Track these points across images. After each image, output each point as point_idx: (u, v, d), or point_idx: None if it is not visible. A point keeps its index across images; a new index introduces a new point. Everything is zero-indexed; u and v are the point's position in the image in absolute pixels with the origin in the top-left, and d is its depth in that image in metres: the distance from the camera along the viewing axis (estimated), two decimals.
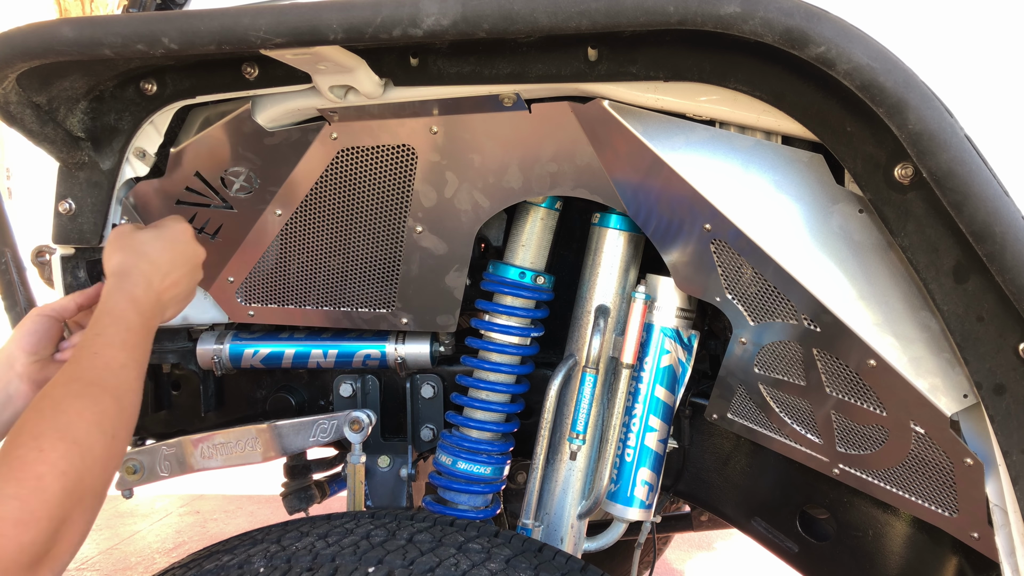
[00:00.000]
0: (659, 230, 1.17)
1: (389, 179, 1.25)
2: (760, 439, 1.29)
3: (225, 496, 4.26)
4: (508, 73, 1.07)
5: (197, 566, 1.08)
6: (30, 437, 0.79)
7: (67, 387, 0.87)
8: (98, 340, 0.94)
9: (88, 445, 0.81)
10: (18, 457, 0.77)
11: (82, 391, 0.87)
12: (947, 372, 1.01)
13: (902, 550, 1.33)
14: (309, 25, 0.93)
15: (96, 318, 0.99)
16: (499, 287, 1.37)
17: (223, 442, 1.43)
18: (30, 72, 1.07)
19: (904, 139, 0.85)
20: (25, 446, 0.78)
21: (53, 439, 0.79)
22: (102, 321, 0.98)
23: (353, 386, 1.49)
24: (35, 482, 0.75)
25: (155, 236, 1.12)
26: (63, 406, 0.83)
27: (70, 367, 0.90)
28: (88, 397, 0.86)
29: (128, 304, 1.01)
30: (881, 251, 1.03)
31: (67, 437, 0.80)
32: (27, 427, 0.80)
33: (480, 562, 1.04)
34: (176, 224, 1.16)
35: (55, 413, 0.82)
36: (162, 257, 1.10)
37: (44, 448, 0.78)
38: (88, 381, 0.88)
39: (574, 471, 1.38)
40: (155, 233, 1.12)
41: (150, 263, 1.08)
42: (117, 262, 1.07)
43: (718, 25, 0.86)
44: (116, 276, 1.05)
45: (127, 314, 0.99)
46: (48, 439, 0.79)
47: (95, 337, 0.95)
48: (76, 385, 0.87)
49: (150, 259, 1.08)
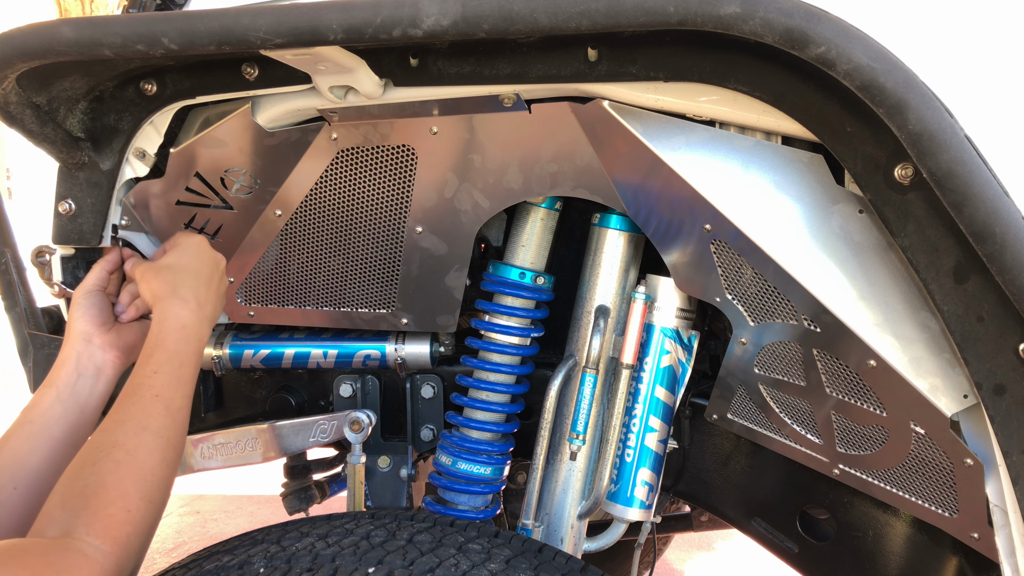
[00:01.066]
0: (659, 230, 1.17)
1: (389, 179, 1.25)
2: (760, 439, 1.29)
3: (225, 496, 4.26)
4: (508, 73, 1.07)
5: (197, 566, 1.08)
6: (119, 495, 0.87)
7: (139, 438, 0.93)
8: (156, 379, 1.00)
9: (159, 501, 0.91)
10: (111, 516, 0.85)
11: (154, 446, 0.94)
12: (947, 372, 1.01)
13: (902, 550, 1.33)
14: (309, 25, 0.93)
15: (151, 351, 1.03)
16: (499, 287, 1.36)
17: (223, 442, 1.43)
18: (30, 72, 1.07)
19: (904, 139, 0.85)
20: (115, 504, 0.86)
21: (138, 499, 0.88)
22: (158, 357, 1.02)
23: (353, 386, 1.49)
24: (125, 540, 0.85)
25: (180, 253, 1.16)
26: (139, 462, 0.91)
27: (135, 408, 0.96)
28: (158, 452, 0.94)
29: (179, 334, 1.06)
30: (881, 251, 1.03)
31: (146, 496, 0.89)
32: (109, 480, 0.88)
33: (480, 562, 1.03)
34: (191, 237, 1.20)
35: (134, 470, 0.90)
36: (198, 267, 1.15)
37: (131, 509, 0.87)
38: (157, 432, 0.95)
39: (574, 471, 1.38)
40: (178, 252, 1.17)
41: (190, 275, 1.13)
42: (157, 287, 1.11)
43: (718, 25, 0.86)
44: (161, 300, 1.09)
45: (180, 347, 1.05)
46: (134, 499, 0.88)
47: (153, 375, 1.00)
48: (148, 436, 0.94)
49: (189, 271, 1.14)
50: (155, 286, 1.12)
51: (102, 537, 0.82)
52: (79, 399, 1.11)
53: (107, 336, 1.16)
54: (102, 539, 0.82)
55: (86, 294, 1.19)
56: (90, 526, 0.83)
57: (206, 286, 1.14)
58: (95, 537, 0.82)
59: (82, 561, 0.80)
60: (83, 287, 1.20)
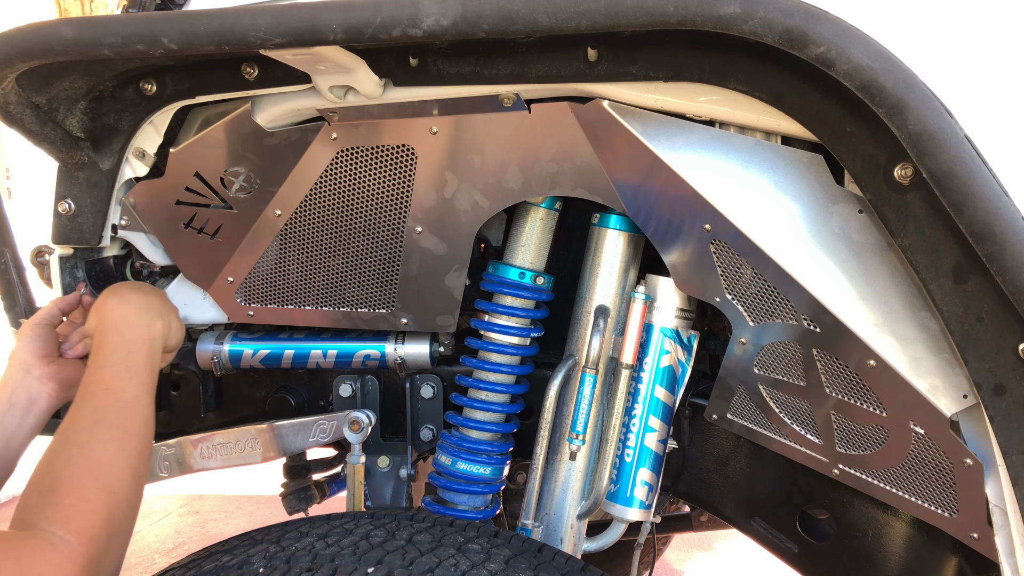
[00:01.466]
0: (659, 230, 1.17)
1: (389, 179, 1.25)
2: (760, 439, 1.29)
3: (225, 496, 4.25)
4: (508, 73, 1.07)
5: (196, 566, 1.08)
6: (74, 487, 0.87)
7: (91, 432, 0.93)
8: (104, 372, 1.00)
9: (122, 490, 0.90)
10: (71, 507, 0.85)
11: (108, 436, 0.93)
12: (947, 372, 1.01)
13: (902, 550, 1.33)
14: (309, 25, 0.93)
15: (96, 351, 1.04)
16: (499, 287, 1.36)
17: (223, 442, 1.43)
18: (30, 72, 1.07)
19: (904, 139, 0.85)
20: (72, 495, 0.86)
21: (95, 490, 0.88)
22: (102, 352, 1.03)
23: (353, 386, 1.49)
24: (89, 531, 0.84)
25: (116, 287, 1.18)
26: (93, 454, 0.91)
27: (86, 405, 0.96)
28: (115, 442, 0.93)
29: (120, 324, 1.06)
30: (881, 251, 1.03)
31: (106, 487, 0.88)
32: (64, 475, 0.88)
33: (480, 562, 1.03)
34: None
35: (88, 462, 0.90)
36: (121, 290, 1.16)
37: (90, 499, 0.86)
38: (110, 423, 0.94)
39: (574, 471, 1.38)
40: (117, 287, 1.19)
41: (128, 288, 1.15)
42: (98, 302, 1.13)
43: (718, 25, 0.86)
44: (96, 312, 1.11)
45: (124, 338, 1.05)
46: (91, 490, 0.87)
47: (100, 369, 1.00)
48: (100, 430, 0.93)
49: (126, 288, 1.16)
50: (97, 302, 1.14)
51: (64, 527, 0.83)
52: (5, 430, 1.10)
53: (47, 368, 1.16)
54: (65, 529, 0.83)
55: (33, 326, 1.19)
56: (51, 519, 0.83)
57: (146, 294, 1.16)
58: (57, 527, 0.83)
59: (46, 548, 0.80)
60: (33, 320, 1.20)
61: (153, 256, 1.37)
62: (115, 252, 1.38)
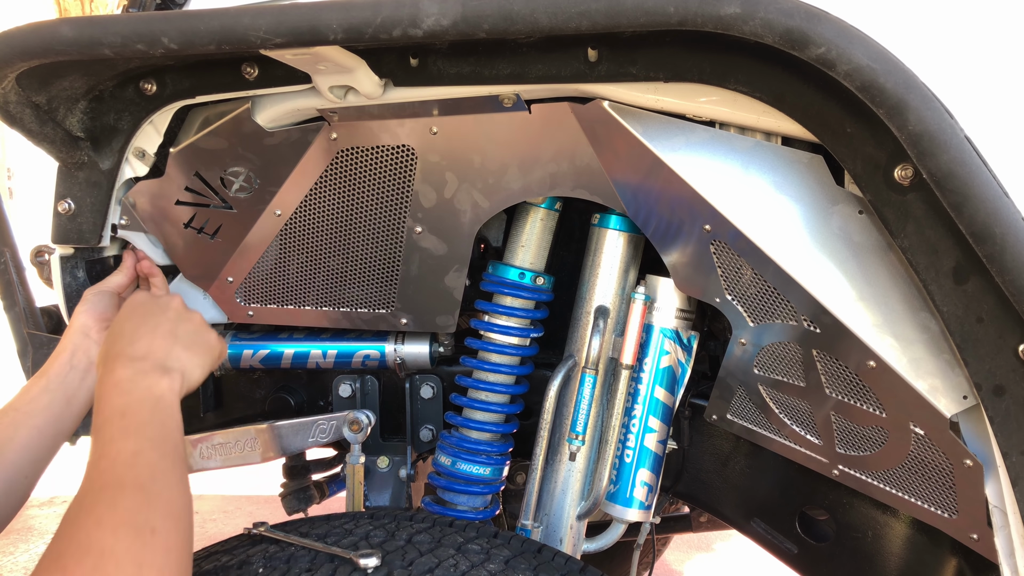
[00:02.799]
0: (659, 231, 1.17)
1: (389, 179, 1.25)
2: (759, 440, 1.29)
3: (224, 496, 4.25)
4: (508, 74, 1.07)
5: (196, 566, 1.08)
6: (51, 560, 0.75)
7: (80, 503, 0.82)
8: (98, 442, 0.90)
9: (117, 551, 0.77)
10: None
11: (94, 500, 0.82)
12: (947, 373, 1.01)
13: (901, 551, 1.33)
14: (309, 25, 0.93)
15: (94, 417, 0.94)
16: (499, 288, 1.36)
17: (222, 442, 1.42)
18: (29, 72, 1.07)
19: (904, 140, 0.85)
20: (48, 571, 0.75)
21: (77, 556, 0.75)
22: (95, 421, 0.93)
23: (352, 386, 1.49)
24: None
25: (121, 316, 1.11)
26: (79, 522, 0.79)
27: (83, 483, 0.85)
28: (102, 503, 0.81)
29: (110, 390, 0.96)
30: (881, 252, 1.03)
31: (92, 550, 0.76)
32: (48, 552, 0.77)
33: (479, 563, 1.03)
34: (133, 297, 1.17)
35: (72, 530, 0.78)
36: (124, 327, 1.07)
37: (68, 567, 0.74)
38: (99, 487, 0.84)
39: (573, 472, 1.38)
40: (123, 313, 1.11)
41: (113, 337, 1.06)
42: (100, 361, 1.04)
43: (718, 26, 0.86)
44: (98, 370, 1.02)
45: (112, 400, 0.94)
46: (70, 557, 0.75)
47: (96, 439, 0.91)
48: (87, 497, 0.82)
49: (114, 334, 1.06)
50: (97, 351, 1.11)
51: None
52: (67, 391, 1.12)
53: (106, 333, 1.15)
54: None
55: (96, 292, 1.21)
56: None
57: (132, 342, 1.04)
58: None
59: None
60: (96, 286, 1.22)
61: (153, 256, 1.37)
62: (115, 252, 1.38)
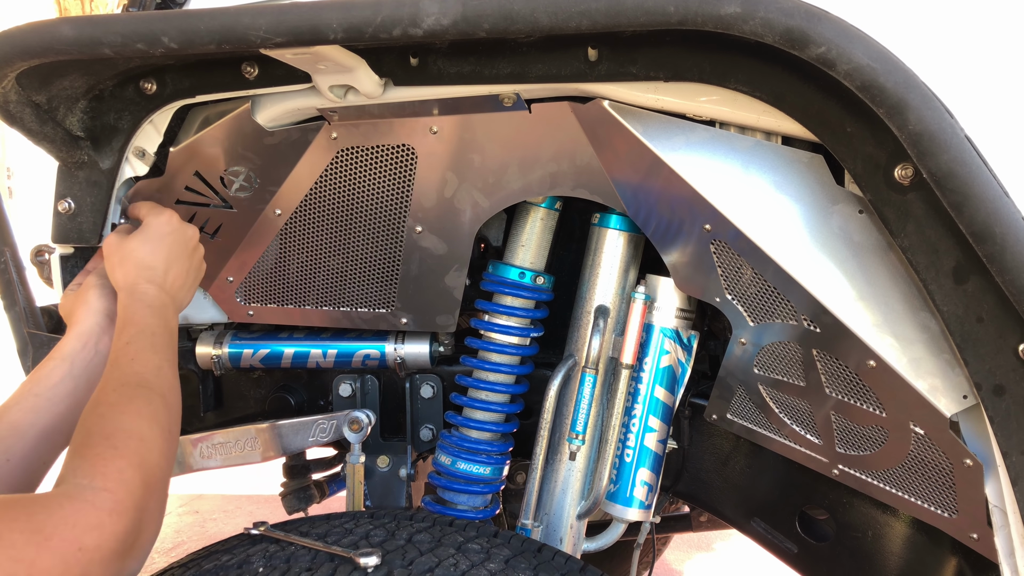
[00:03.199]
0: (659, 230, 1.17)
1: (389, 179, 1.25)
2: (759, 440, 1.29)
3: (224, 496, 4.25)
4: (508, 73, 1.07)
5: (196, 566, 1.08)
6: (102, 437, 0.86)
7: (119, 392, 0.94)
8: (130, 348, 1.01)
9: (151, 439, 0.89)
10: (97, 455, 0.83)
11: (134, 393, 0.94)
12: (947, 373, 1.01)
13: (901, 551, 1.33)
14: (309, 25, 0.93)
15: (121, 328, 1.05)
16: (499, 287, 1.36)
17: (222, 442, 1.42)
18: (30, 71, 1.07)
19: (904, 140, 0.85)
20: (100, 445, 0.84)
21: (123, 437, 0.86)
22: (127, 331, 1.04)
23: (352, 386, 1.49)
24: (118, 475, 0.81)
25: (143, 240, 1.16)
26: (121, 407, 0.91)
27: (115, 372, 0.97)
28: (141, 398, 0.93)
29: (146, 311, 1.07)
30: (881, 252, 1.03)
31: (134, 434, 0.87)
32: (94, 430, 0.87)
33: (479, 562, 1.03)
34: (158, 217, 1.19)
35: (117, 415, 0.90)
36: (156, 258, 1.15)
37: (118, 445, 0.85)
38: (135, 384, 0.95)
39: (573, 471, 1.38)
40: (142, 236, 1.16)
41: (148, 269, 1.13)
42: (120, 277, 1.13)
43: (718, 25, 0.86)
44: (124, 291, 1.11)
45: (147, 320, 1.06)
46: (119, 437, 0.86)
47: (126, 346, 1.02)
48: (127, 389, 0.94)
49: (146, 265, 1.14)
50: (118, 276, 1.12)
51: (90, 475, 0.80)
52: (90, 377, 1.10)
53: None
54: (90, 477, 0.80)
55: (105, 278, 1.18)
56: (78, 469, 0.82)
57: (165, 274, 1.14)
58: (83, 477, 0.80)
59: (63, 501, 0.76)
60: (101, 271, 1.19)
61: None
62: None
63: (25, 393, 1.06)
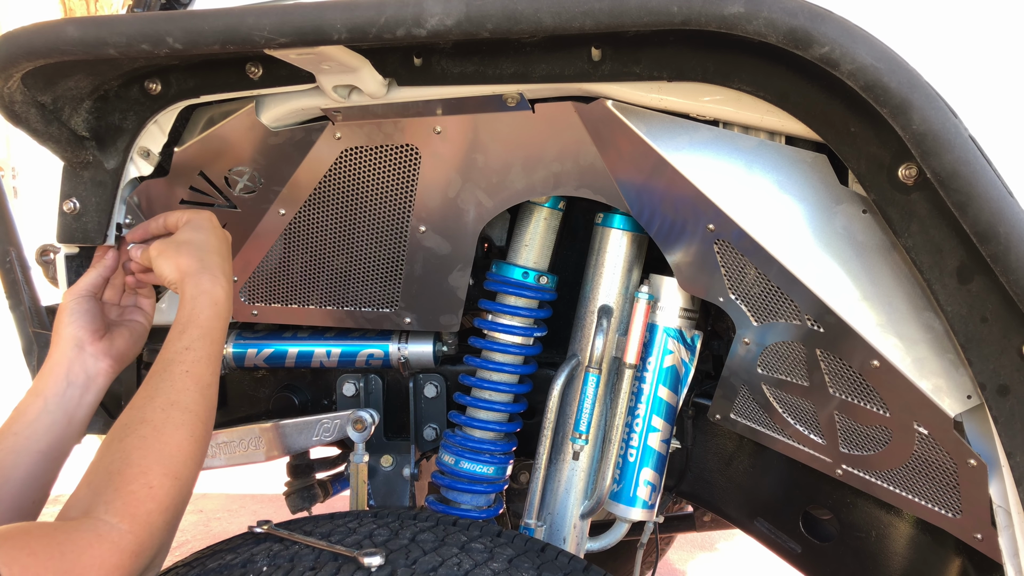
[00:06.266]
0: (662, 230, 1.17)
1: (393, 179, 1.25)
2: (763, 439, 1.28)
3: (228, 495, 4.26)
4: (512, 73, 1.07)
5: (200, 565, 1.08)
6: (140, 472, 0.85)
7: (167, 413, 0.90)
8: (189, 355, 0.97)
9: (186, 478, 0.88)
10: (131, 493, 0.83)
11: (181, 420, 0.91)
12: (951, 373, 1.01)
13: (905, 551, 1.33)
14: (313, 25, 0.93)
15: (183, 327, 0.99)
16: (502, 287, 1.37)
17: (226, 441, 1.43)
18: (35, 72, 1.08)
19: (908, 140, 0.85)
20: (136, 482, 0.84)
21: (160, 476, 0.85)
22: (190, 333, 0.99)
23: (356, 385, 1.50)
24: (146, 518, 0.82)
25: (196, 229, 1.11)
26: (165, 437, 0.89)
27: (165, 384, 0.93)
28: (186, 427, 0.91)
29: (212, 311, 1.02)
30: (885, 252, 1.03)
31: (171, 473, 0.87)
32: (134, 457, 0.86)
33: (483, 562, 1.04)
34: (201, 212, 1.16)
35: (160, 445, 0.88)
36: (217, 243, 1.11)
37: (153, 486, 0.84)
38: (184, 407, 0.92)
39: (577, 471, 1.38)
40: (193, 227, 1.12)
41: (213, 251, 1.09)
42: (184, 263, 1.06)
43: (722, 25, 0.86)
44: (192, 276, 1.04)
45: (213, 324, 1.01)
46: (156, 475, 0.85)
47: (185, 351, 0.97)
48: (175, 412, 0.91)
49: (211, 247, 1.09)
50: (182, 262, 1.06)
51: (120, 515, 0.81)
52: (67, 410, 1.07)
53: (100, 344, 1.11)
54: (120, 517, 0.81)
55: (77, 299, 1.13)
56: (110, 504, 0.81)
57: (227, 261, 1.10)
58: (113, 515, 0.81)
59: (93, 541, 0.78)
60: (74, 291, 1.14)
61: None
62: None
63: (4, 433, 1.03)
